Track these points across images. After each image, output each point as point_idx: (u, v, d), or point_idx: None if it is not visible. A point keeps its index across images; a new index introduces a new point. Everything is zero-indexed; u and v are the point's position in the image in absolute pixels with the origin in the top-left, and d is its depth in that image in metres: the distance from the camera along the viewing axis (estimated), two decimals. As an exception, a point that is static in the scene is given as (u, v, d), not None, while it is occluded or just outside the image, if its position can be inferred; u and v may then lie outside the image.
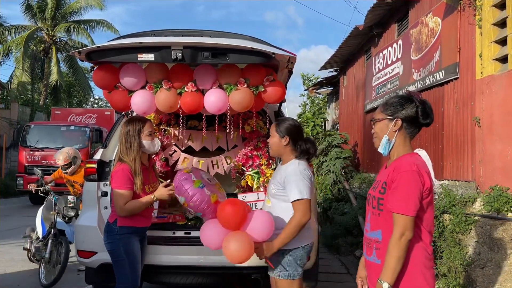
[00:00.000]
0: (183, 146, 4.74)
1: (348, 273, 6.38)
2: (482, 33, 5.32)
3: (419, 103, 2.32)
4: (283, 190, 2.96)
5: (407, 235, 2.14)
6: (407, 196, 2.16)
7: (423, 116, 2.31)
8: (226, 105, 3.44)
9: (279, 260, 2.96)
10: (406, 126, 2.33)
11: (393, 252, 2.15)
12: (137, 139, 3.30)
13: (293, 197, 2.87)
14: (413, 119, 2.32)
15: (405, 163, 2.23)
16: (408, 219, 2.15)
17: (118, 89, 3.50)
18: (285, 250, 2.95)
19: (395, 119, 2.33)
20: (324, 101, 20.40)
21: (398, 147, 2.36)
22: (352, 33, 10.36)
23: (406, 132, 2.34)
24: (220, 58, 3.22)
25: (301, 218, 2.85)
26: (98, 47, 3.22)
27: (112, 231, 3.30)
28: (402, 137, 2.35)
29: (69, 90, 29.87)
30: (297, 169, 2.94)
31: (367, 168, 10.26)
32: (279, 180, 2.99)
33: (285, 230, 2.88)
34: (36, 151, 13.77)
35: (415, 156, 2.29)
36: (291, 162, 3.02)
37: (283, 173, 2.99)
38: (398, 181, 2.19)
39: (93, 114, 16.67)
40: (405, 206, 2.15)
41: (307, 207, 2.87)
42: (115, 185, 3.24)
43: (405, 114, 2.32)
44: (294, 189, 2.87)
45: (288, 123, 3.08)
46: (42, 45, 24.81)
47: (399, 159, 2.30)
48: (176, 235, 4.02)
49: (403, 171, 2.20)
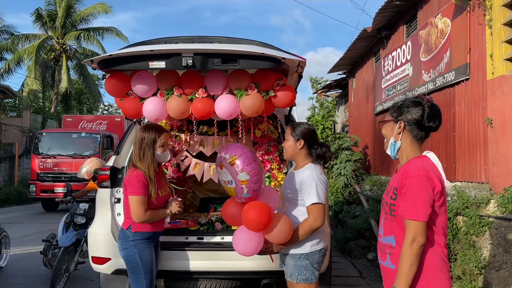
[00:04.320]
0: (194, 152, 4.76)
1: (361, 276, 6.35)
2: (492, 33, 5.29)
3: (426, 106, 2.32)
4: (299, 194, 3.00)
5: (418, 241, 2.13)
6: (417, 201, 2.15)
7: (428, 119, 2.30)
8: (237, 110, 3.45)
9: (297, 264, 3.00)
10: (410, 129, 2.33)
11: (406, 258, 2.14)
12: (151, 148, 3.34)
13: (309, 201, 2.91)
14: (417, 122, 2.31)
15: (413, 168, 2.22)
16: (419, 224, 2.14)
17: (130, 96, 3.53)
18: (302, 254, 2.99)
19: (398, 121, 2.34)
20: (333, 104, 20.37)
21: (405, 150, 2.36)
22: (361, 35, 10.33)
23: (412, 135, 2.34)
24: (231, 64, 3.23)
25: (313, 222, 2.91)
26: (110, 55, 3.25)
27: (126, 238, 3.33)
28: (407, 139, 2.35)
29: (79, 97, 30.13)
30: (313, 173, 2.98)
31: (378, 170, 10.20)
32: (295, 185, 3.02)
33: (297, 231, 2.95)
34: (48, 158, 13.93)
35: (424, 159, 2.28)
36: (307, 167, 3.06)
37: (299, 177, 3.02)
38: (407, 186, 2.19)
39: (103, 121, 16.76)
40: (416, 211, 2.14)
41: (322, 212, 2.91)
42: (132, 192, 3.27)
43: (409, 116, 2.32)
44: (310, 193, 2.91)
45: (303, 127, 3.14)
46: (53, 53, 25.17)
47: (408, 163, 2.30)
48: (189, 240, 4.03)
49: (412, 176, 2.19)
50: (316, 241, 3.02)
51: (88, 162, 5.86)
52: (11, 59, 23.82)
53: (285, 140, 3.18)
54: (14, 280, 6.06)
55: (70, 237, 5.24)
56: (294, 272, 3.00)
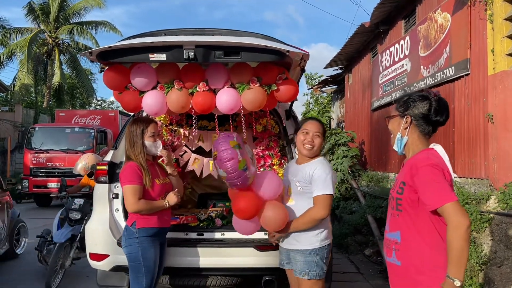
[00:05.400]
0: (193, 147, 4.69)
1: (359, 272, 6.33)
2: (493, 28, 5.25)
3: (433, 100, 2.26)
4: (309, 186, 2.98)
5: (463, 222, 1.99)
6: (439, 185, 2.08)
7: (435, 113, 2.25)
8: (239, 104, 3.38)
9: (307, 261, 2.97)
10: (417, 124, 2.29)
11: (454, 244, 2.00)
12: (140, 139, 3.33)
13: (320, 191, 2.92)
14: (424, 116, 2.27)
15: (421, 158, 2.19)
16: (455, 204, 2.03)
17: (129, 89, 3.44)
18: (312, 250, 2.97)
19: (405, 116, 2.29)
20: (328, 100, 20.35)
21: (412, 145, 2.31)
22: (358, 31, 10.28)
23: (419, 130, 2.29)
24: (233, 57, 3.15)
25: (319, 212, 2.92)
26: (109, 47, 3.16)
27: (131, 234, 3.26)
28: (415, 134, 2.30)
29: (72, 92, 29.88)
30: (328, 166, 3.03)
31: (374, 166, 10.18)
32: (306, 178, 3.00)
33: (301, 219, 2.97)
34: (41, 153, 13.75)
35: (431, 152, 2.24)
36: (318, 161, 3.07)
37: (310, 170, 3.00)
38: (421, 178, 2.13)
39: (97, 116, 16.58)
40: (444, 194, 2.06)
41: (330, 203, 2.93)
42: (124, 181, 3.23)
43: (415, 111, 2.28)
44: (324, 184, 2.92)
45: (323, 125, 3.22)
46: (45, 47, 24.88)
47: (414, 156, 2.26)
48: (189, 236, 3.97)
49: (421, 166, 2.14)
50: (324, 236, 3.01)
51: (84, 157, 5.78)
52: (3, 53, 23.51)
53: (316, 137, 3.12)
54: (9, 276, 5.96)
55: (65, 233, 5.16)
56: (305, 268, 2.96)
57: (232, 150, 2.96)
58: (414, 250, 2.19)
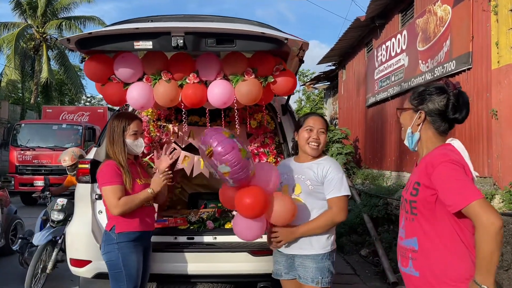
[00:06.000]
0: (183, 144, 4.44)
1: (355, 274, 6.14)
2: (498, 20, 5.05)
3: (451, 95, 2.01)
4: (321, 186, 2.75)
5: (493, 221, 1.74)
6: (460, 183, 1.83)
7: (453, 110, 1.99)
8: (232, 97, 3.13)
9: (319, 266, 2.71)
10: (432, 120, 2.03)
11: (484, 247, 1.75)
12: (121, 137, 3.04)
13: (336, 192, 2.70)
14: (440, 113, 2.01)
15: (438, 155, 1.94)
16: (482, 202, 1.78)
17: (113, 81, 3.17)
18: (325, 254, 2.73)
19: (418, 111, 2.04)
20: (320, 97, 20.19)
21: (426, 143, 2.07)
22: (353, 25, 10.09)
23: (433, 127, 2.04)
24: (226, 45, 2.90)
25: (337, 215, 2.71)
26: (90, 33, 2.89)
27: (110, 240, 2.97)
28: (429, 131, 2.05)
29: (61, 88, 29.52)
30: (338, 165, 2.84)
31: (369, 164, 10.02)
32: (317, 177, 2.76)
33: (316, 221, 2.71)
34: (27, 150, 13.50)
35: (448, 147, 1.98)
36: (325, 159, 2.87)
37: (321, 169, 2.77)
38: (440, 176, 1.88)
39: (85, 112, 16.47)
40: (468, 192, 1.80)
41: (346, 204, 2.73)
42: (103, 182, 2.94)
43: (430, 106, 2.02)
44: (337, 184, 2.71)
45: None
46: (33, 43, 24.57)
47: (430, 153, 2.01)
48: (178, 240, 3.72)
49: (439, 163, 1.89)
50: (333, 239, 2.80)
51: (73, 148, 5.48)
52: (-11, 48, 23.10)
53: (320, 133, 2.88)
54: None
55: (46, 235, 4.88)
56: (317, 275, 2.69)
57: (229, 140, 2.64)
58: (434, 258, 1.95)
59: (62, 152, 5.54)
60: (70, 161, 5.29)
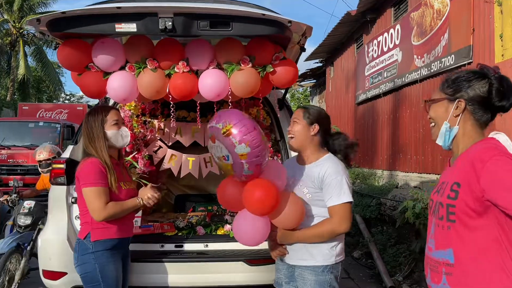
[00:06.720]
0: (169, 141, 4.12)
1: (349, 277, 5.90)
2: (502, 11, 4.83)
3: (493, 79, 1.71)
4: (320, 192, 2.41)
5: None
6: None
7: (498, 96, 1.70)
8: (227, 89, 2.86)
9: (319, 280, 2.41)
10: (473, 110, 1.73)
11: None
12: (101, 130, 2.68)
13: (336, 200, 2.36)
14: (483, 100, 1.71)
15: (484, 149, 1.64)
16: None
17: (91, 70, 2.84)
18: (327, 266, 2.41)
19: (456, 99, 1.73)
20: (305, 95, 20.00)
21: (463, 137, 1.76)
22: (342, 20, 9.90)
23: (474, 118, 1.73)
24: (221, 29, 2.60)
25: (339, 225, 2.36)
26: (63, 13, 2.53)
27: (85, 250, 2.60)
28: (468, 124, 1.75)
29: (38, 85, 28.93)
30: (339, 166, 2.44)
31: (359, 162, 9.84)
32: (314, 182, 2.42)
33: (314, 229, 2.42)
34: (2, 149, 13.05)
35: (492, 142, 1.68)
36: (326, 159, 2.48)
37: (318, 172, 2.43)
38: (494, 173, 1.57)
39: (64, 110, 16.14)
40: None
41: (349, 213, 2.37)
42: (86, 183, 2.57)
43: (471, 93, 1.72)
44: (340, 190, 2.36)
45: (318, 110, 2.58)
46: (9, 38, 24.06)
47: (471, 149, 1.70)
48: (165, 249, 3.41)
49: (489, 158, 1.59)
50: (340, 250, 2.47)
51: (46, 144, 5.07)
52: (-37, 43, 22.43)
53: (293, 124, 2.56)
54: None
55: (9, 242, 4.47)
56: None
57: (250, 120, 2.37)
58: (474, 275, 1.66)
59: (37, 148, 5.10)
60: (47, 155, 4.85)
